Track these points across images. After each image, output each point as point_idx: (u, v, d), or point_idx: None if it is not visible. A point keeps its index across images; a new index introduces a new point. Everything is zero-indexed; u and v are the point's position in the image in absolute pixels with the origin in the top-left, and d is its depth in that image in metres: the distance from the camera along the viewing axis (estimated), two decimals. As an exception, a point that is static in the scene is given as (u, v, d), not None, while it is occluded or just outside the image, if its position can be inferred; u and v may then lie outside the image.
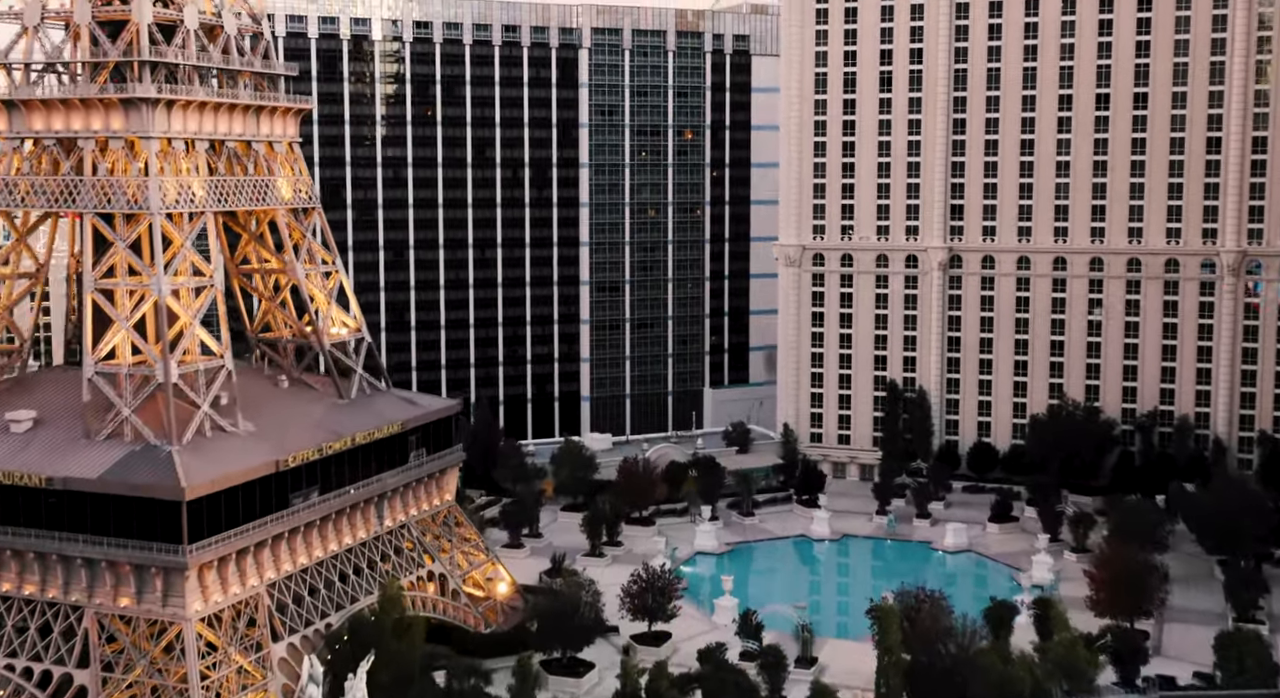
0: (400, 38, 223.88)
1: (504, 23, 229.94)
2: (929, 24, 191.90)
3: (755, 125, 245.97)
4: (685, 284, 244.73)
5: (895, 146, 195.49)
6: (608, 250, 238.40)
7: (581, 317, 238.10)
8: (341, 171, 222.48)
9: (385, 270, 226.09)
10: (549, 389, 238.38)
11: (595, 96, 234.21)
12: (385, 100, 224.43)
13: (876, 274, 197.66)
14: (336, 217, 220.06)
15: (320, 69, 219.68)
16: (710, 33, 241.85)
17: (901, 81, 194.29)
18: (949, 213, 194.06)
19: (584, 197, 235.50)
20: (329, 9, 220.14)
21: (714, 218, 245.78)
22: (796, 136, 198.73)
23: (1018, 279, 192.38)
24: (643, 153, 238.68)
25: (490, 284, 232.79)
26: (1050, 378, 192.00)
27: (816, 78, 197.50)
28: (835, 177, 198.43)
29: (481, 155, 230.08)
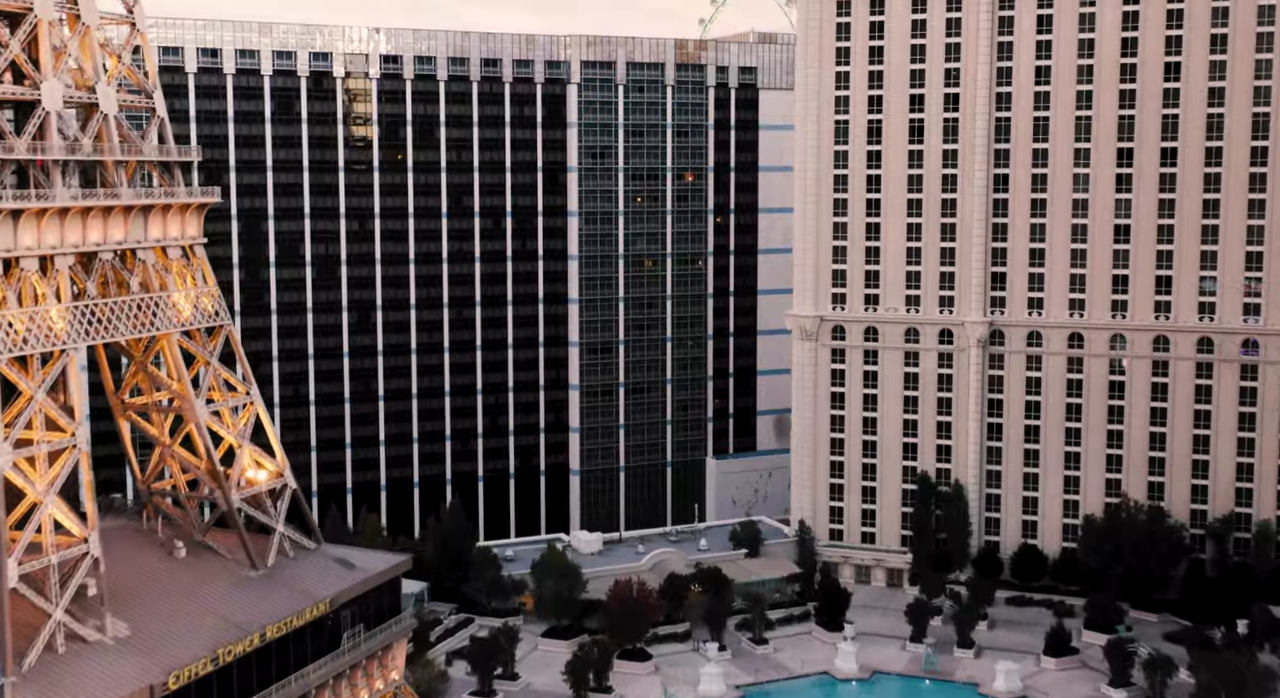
0: (366, 74, 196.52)
1: (483, 56, 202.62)
2: (966, 66, 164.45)
3: (763, 166, 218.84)
4: (686, 344, 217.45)
5: (928, 205, 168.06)
6: (599, 308, 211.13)
7: (570, 382, 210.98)
8: (299, 224, 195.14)
9: (350, 334, 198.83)
10: (534, 463, 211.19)
11: (585, 137, 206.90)
12: (350, 144, 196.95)
13: (905, 350, 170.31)
14: (294, 274, 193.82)
15: (275, 110, 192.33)
16: (713, 65, 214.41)
17: (934, 130, 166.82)
18: (989, 282, 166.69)
19: (572, 248, 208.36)
20: (285, 43, 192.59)
21: (718, 269, 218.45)
22: (813, 192, 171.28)
23: (1069, 359, 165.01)
24: (638, 199, 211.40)
25: (468, 347, 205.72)
26: (1107, 473, 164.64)
27: (836, 126, 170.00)
28: (858, 238, 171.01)
29: (458, 204, 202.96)
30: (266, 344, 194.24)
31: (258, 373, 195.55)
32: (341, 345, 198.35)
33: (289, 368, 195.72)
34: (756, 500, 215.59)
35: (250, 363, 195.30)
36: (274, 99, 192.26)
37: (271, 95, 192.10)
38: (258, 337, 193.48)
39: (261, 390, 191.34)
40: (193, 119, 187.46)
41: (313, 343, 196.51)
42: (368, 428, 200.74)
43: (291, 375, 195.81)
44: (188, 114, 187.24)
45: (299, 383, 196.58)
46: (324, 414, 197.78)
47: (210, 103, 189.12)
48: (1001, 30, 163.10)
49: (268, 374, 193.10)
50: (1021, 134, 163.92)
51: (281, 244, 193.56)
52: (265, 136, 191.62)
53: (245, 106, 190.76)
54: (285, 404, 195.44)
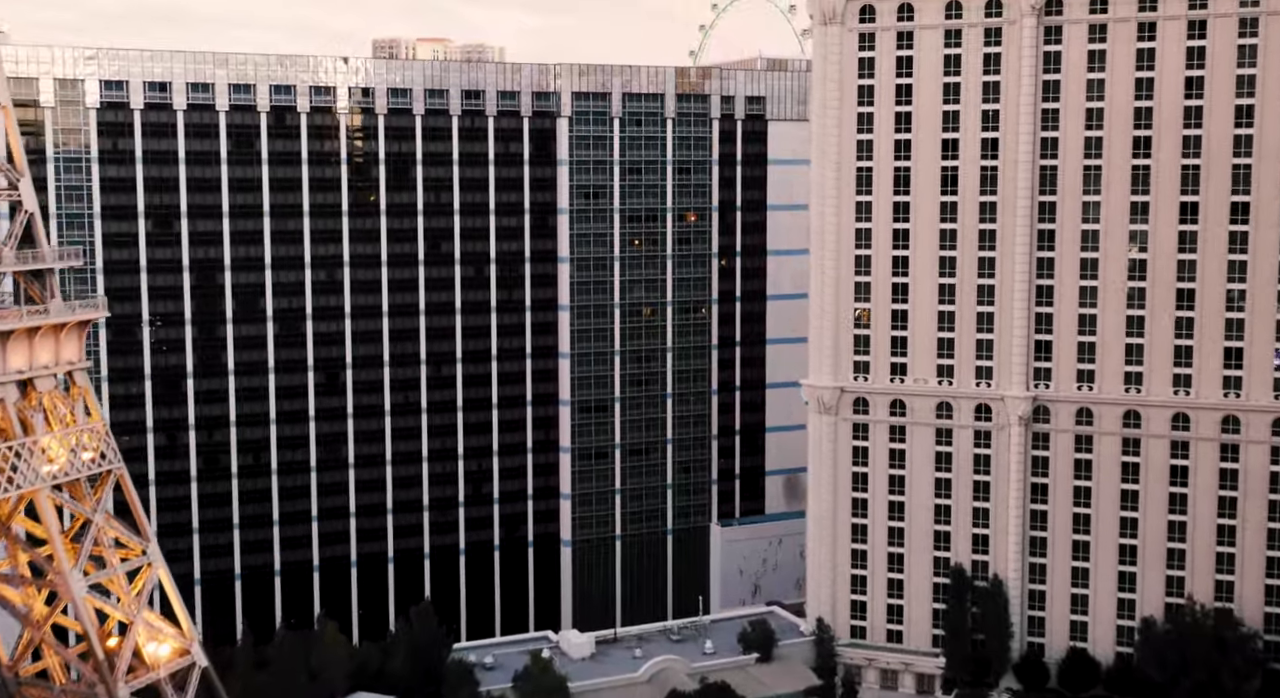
0: (333, 108, 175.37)
1: (464, 87, 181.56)
2: (1006, 107, 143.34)
3: (772, 205, 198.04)
4: (688, 400, 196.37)
5: (962, 263, 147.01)
6: (593, 363, 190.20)
7: (561, 444, 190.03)
8: (260, 276, 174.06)
9: (317, 396, 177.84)
10: (521, 533, 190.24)
11: (577, 175, 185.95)
12: (315, 186, 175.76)
13: (937, 427, 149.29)
14: (254, 331, 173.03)
15: (232, 150, 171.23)
16: (717, 94, 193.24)
17: (970, 180, 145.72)
18: (1033, 351, 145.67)
19: (563, 298, 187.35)
20: (243, 75, 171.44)
21: (723, 317, 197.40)
22: (832, 247, 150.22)
23: (1124, 440, 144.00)
24: (635, 242, 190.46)
25: (448, 408, 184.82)
26: (1168, 569, 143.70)
27: (858, 174, 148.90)
28: (883, 300, 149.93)
29: (436, 251, 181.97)
30: (223, 409, 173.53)
31: (213, 441, 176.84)
32: (307, 409, 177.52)
33: (248, 435, 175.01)
34: (765, 571, 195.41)
35: (206, 430, 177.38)
36: (231, 137, 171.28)
37: (228, 133, 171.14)
38: (214, 401, 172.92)
39: (218, 461, 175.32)
40: (139, 160, 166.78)
41: (275, 406, 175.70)
42: (337, 499, 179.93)
43: (251, 443, 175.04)
44: (133, 155, 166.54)
45: (259, 451, 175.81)
46: (288, 485, 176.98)
47: (159, 142, 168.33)
48: (1047, 67, 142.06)
49: (225, 442, 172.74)
50: (1070, 185, 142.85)
51: (240, 298, 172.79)
52: (221, 179, 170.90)
53: (198, 146, 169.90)
54: (245, 475, 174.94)
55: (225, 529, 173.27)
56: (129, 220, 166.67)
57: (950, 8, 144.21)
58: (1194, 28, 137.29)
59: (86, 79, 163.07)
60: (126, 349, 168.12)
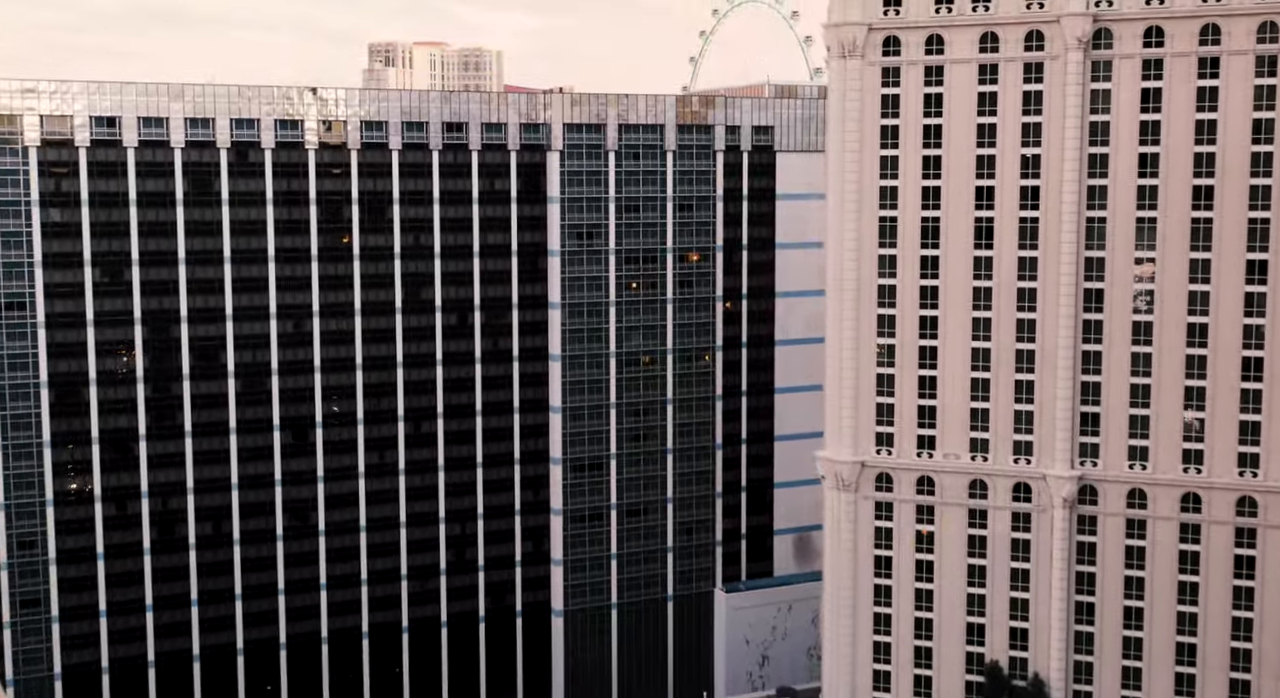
0: (301, 143, 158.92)
1: (445, 119, 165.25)
2: (1049, 151, 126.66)
3: (781, 243, 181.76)
4: (690, 456, 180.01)
5: (998, 325, 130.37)
6: (587, 417, 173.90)
7: (552, 505, 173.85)
8: (220, 328, 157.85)
9: (283, 458, 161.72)
10: (509, 602, 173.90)
11: (570, 214, 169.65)
12: (281, 229, 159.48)
13: (970, 508, 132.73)
14: (214, 388, 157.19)
15: (189, 190, 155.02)
16: (722, 124, 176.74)
17: (1007, 233, 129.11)
18: (1079, 424, 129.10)
19: (554, 347, 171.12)
20: (201, 108, 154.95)
21: (728, 365, 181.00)
22: (851, 305, 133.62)
23: (1182, 525, 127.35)
24: (633, 286, 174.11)
25: (429, 468, 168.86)
26: (1231, 671, 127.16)
27: (881, 225, 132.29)
28: (909, 365, 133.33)
29: (415, 298, 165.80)
30: (180, 474, 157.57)
31: (169, 509, 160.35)
32: (273, 472, 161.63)
33: (208, 502, 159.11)
34: (774, 639, 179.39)
35: (160, 498, 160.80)
36: (187, 176, 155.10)
37: (184, 172, 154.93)
38: (169, 465, 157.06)
39: (174, 532, 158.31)
40: (84, 203, 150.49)
41: (237, 470, 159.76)
42: (306, 570, 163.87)
43: (211, 511, 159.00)
44: (78, 197, 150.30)
45: (221, 519, 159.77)
46: (251, 555, 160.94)
47: (107, 183, 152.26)
48: (1095, 107, 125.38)
49: (181, 509, 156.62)
50: (1120, 239, 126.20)
51: (198, 353, 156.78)
52: (177, 223, 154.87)
53: (151, 186, 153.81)
54: (204, 546, 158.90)
55: (183, 606, 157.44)
56: (74, 269, 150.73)
57: (985, 40, 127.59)
58: (1262, 64, 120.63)
59: (24, 114, 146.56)
60: (71, 411, 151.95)
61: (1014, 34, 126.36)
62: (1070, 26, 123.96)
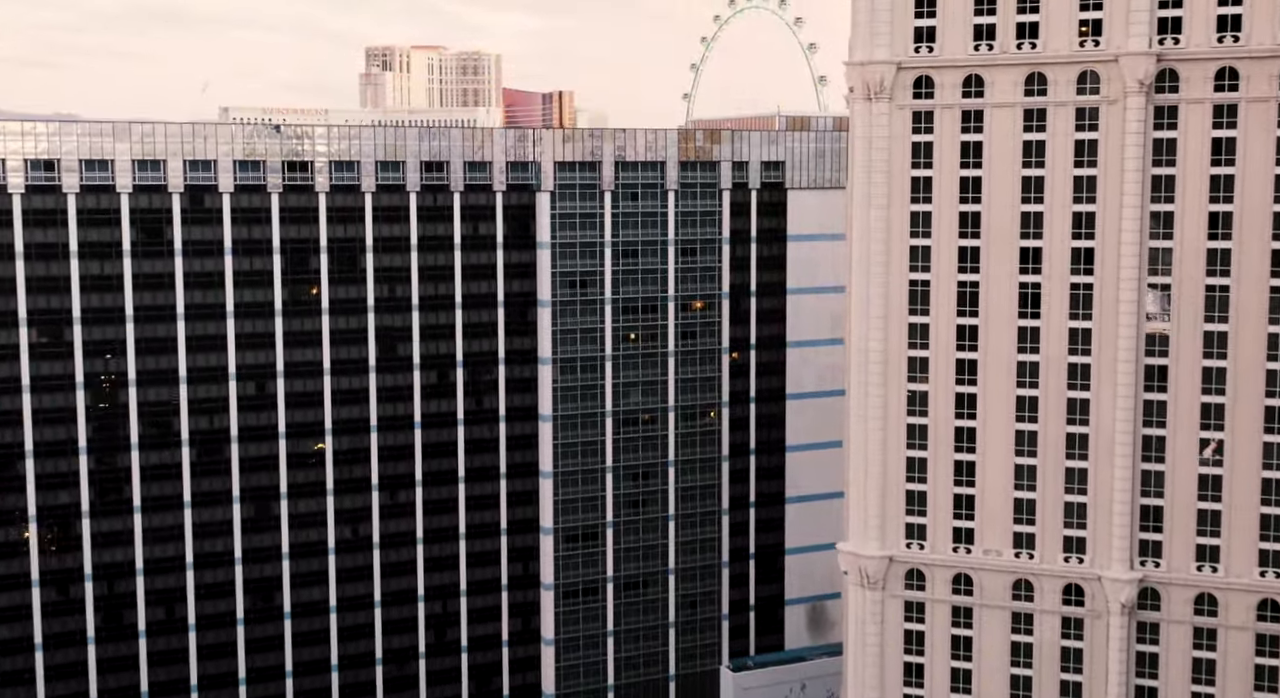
0: (263, 186, 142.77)
1: (424, 157, 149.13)
2: (1105, 209, 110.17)
3: (793, 288, 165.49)
4: (694, 522, 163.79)
5: (1047, 406, 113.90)
6: (580, 482, 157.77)
7: (542, 580, 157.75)
8: (173, 392, 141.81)
9: (244, 533, 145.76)
10: (495, 686, 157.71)
11: (562, 261, 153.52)
12: (242, 281, 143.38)
13: (1014, 611, 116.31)
14: (166, 459, 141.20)
15: (138, 239, 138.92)
16: (729, 160, 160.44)
17: (1057, 300, 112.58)
18: (1138, 518, 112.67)
19: (545, 406, 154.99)
20: (150, 149, 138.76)
21: (735, 422, 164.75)
22: (878, 381, 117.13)
23: (1258, 635, 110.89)
24: (631, 338, 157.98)
25: (406, 541, 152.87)
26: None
27: (912, 290, 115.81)
28: (943, 447, 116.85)
29: (391, 354, 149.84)
30: (128, 553, 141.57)
31: (115, 591, 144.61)
32: (232, 550, 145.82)
33: (159, 583, 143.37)
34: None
35: (106, 581, 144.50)
36: (135, 225, 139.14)
37: (132, 220, 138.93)
38: (115, 544, 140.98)
39: (121, 618, 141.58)
40: (19, 255, 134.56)
41: (192, 548, 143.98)
42: (269, 656, 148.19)
43: (162, 594, 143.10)
44: (11, 249, 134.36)
45: (174, 602, 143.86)
46: (209, 641, 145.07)
47: (44, 233, 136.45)
48: (1158, 159, 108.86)
49: (129, 592, 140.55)
50: (1188, 310, 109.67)
51: (148, 420, 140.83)
52: (124, 276, 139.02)
53: (94, 236, 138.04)
54: (154, 632, 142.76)
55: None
56: (7, 329, 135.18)
57: (1032, 81, 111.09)
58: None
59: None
60: (6, 486, 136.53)
61: (1065, 75, 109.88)
62: (1130, 67, 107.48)
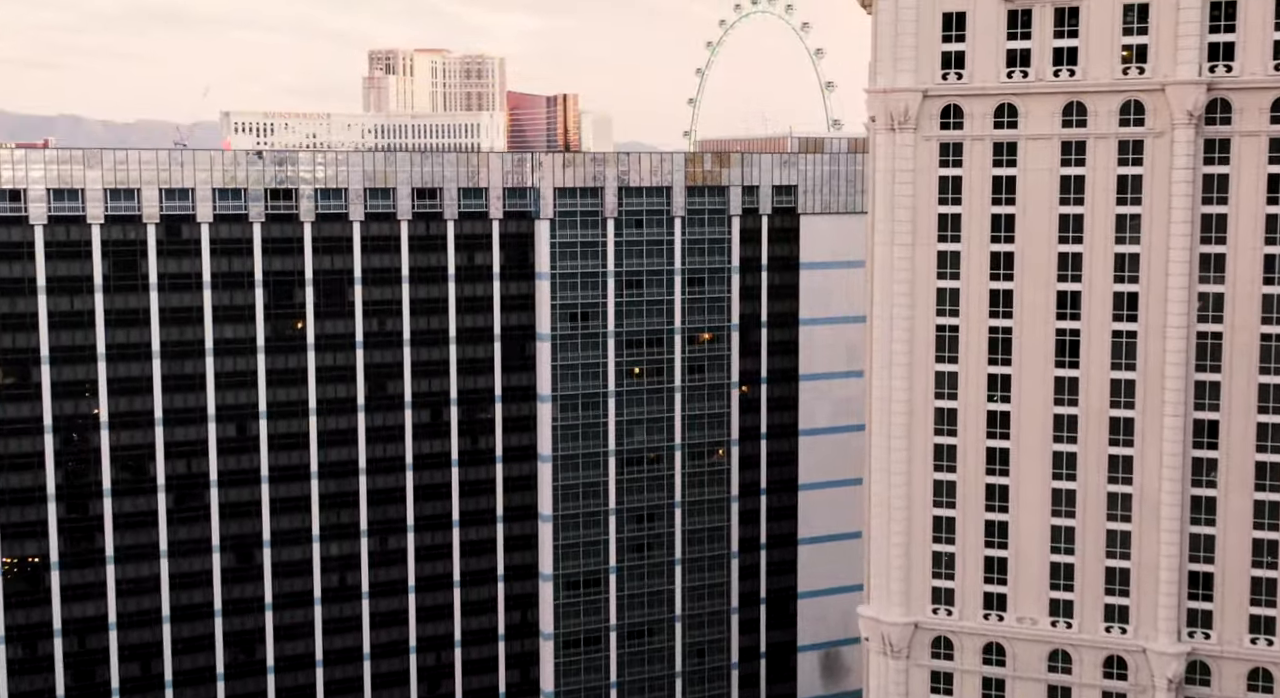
0: (245, 215, 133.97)
1: (416, 184, 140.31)
2: (1150, 250, 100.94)
3: (805, 319, 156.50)
4: (702, 566, 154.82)
5: (1085, 462, 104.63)
6: (582, 525, 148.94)
7: (542, 629, 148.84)
8: (148, 435, 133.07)
9: (224, 583, 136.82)
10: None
11: (562, 292, 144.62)
12: (221, 316, 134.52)
13: (1051, 684, 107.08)
14: (141, 505, 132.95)
15: (110, 272, 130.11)
16: (738, 185, 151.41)
17: (1097, 349, 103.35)
18: (1186, 586, 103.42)
19: (544, 446, 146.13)
20: (124, 177, 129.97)
21: (745, 460, 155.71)
22: (902, 433, 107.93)
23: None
24: (636, 373, 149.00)
25: (397, 590, 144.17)
26: None
27: (938, 335, 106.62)
28: (973, 506, 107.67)
29: (381, 393, 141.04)
30: (100, 607, 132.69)
31: (87, 649, 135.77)
32: (211, 601, 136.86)
33: (134, 638, 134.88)
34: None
35: (77, 636, 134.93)
36: (108, 257, 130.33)
37: (104, 252, 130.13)
38: (87, 597, 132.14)
39: (93, 676, 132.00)
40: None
41: (169, 600, 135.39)
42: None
43: (137, 649, 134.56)
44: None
45: (150, 659, 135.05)
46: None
47: (9, 267, 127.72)
48: (1208, 196, 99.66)
49: (102, 648, 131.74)
50: (1240, 359, 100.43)
51: (122, 464, 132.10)
52: (95, 312, 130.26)
53: (64, 270, 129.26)
54: (129, 690, 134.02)
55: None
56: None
57: (1070, 111, 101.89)
58: None
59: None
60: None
61: (1106, 105, 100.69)
62: (1178, 97, 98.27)
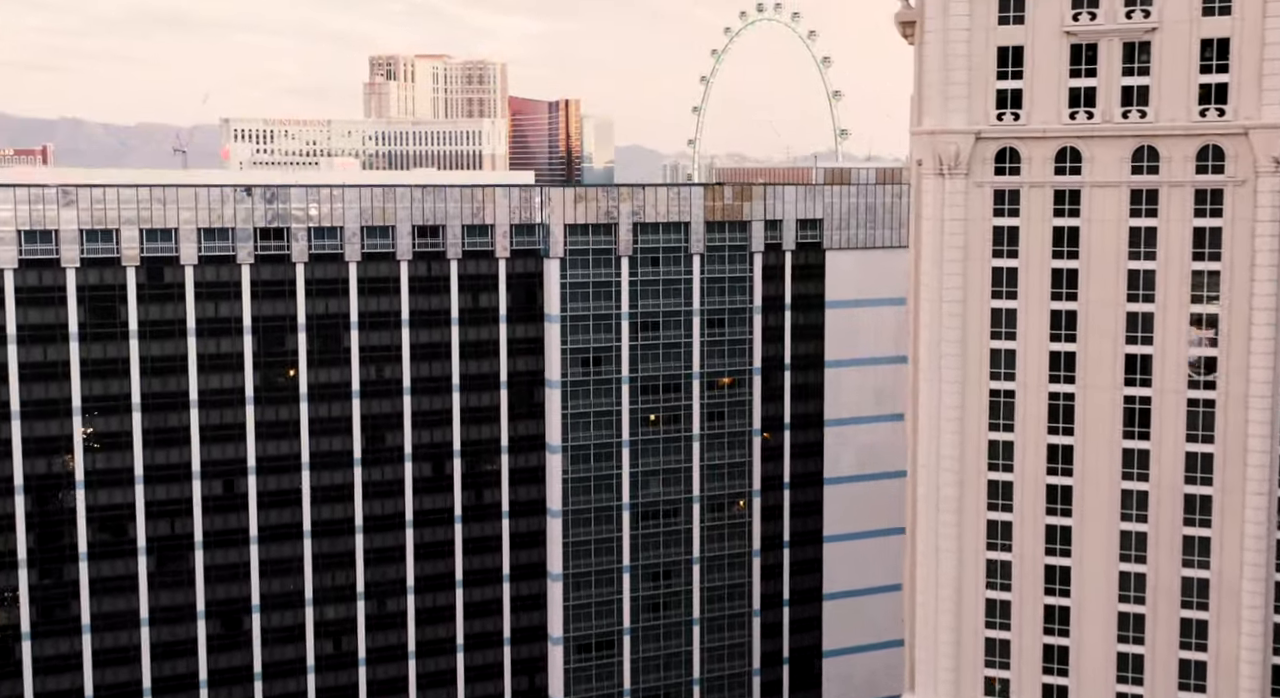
0: (232, 256, 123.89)
1: (417, 222, 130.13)
2: (1232, 311, 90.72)
3: (831, 361, 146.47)
4: (722, 626, 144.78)
5: (1158, 542, 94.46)
6: (594, 585, 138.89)
7: (551, 695, 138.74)
8: (127, 494, 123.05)
9: (209, 652, 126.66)
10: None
11: (573, 336, 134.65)
12: (207, 364, 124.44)
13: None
14: (120, 570, 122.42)
15: (86, 320, 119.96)
16: (761, 219, 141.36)
17: (1171, 420, 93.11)
18: (1269, 679, 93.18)
19: (554, 500, 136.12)
20: (101, 217, 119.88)
21: (768, 512, 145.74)
22: (952, 506, 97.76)
23: None
24: (652, 421, 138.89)
25: (396, 656, 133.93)
26: None
27: (994, 401, 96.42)
28: (1030, 590, 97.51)
29: (379, 445, 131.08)
30: (76, 680, 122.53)
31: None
32: (196, 672, 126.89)
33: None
34: None
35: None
36: (84, 303, 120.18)
37: (80, 298, 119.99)
38: (61, 669, 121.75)
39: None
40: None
41: (150, 671, 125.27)
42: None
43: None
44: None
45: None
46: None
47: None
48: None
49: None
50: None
51: (99, 525, 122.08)
52: (70, 362, 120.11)
53: (35, 318, 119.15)
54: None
55: None
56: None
57: (1140, 157, 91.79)
58: None
59: None
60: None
61: (1181, 150, 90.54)
62: (1264, 142, 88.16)
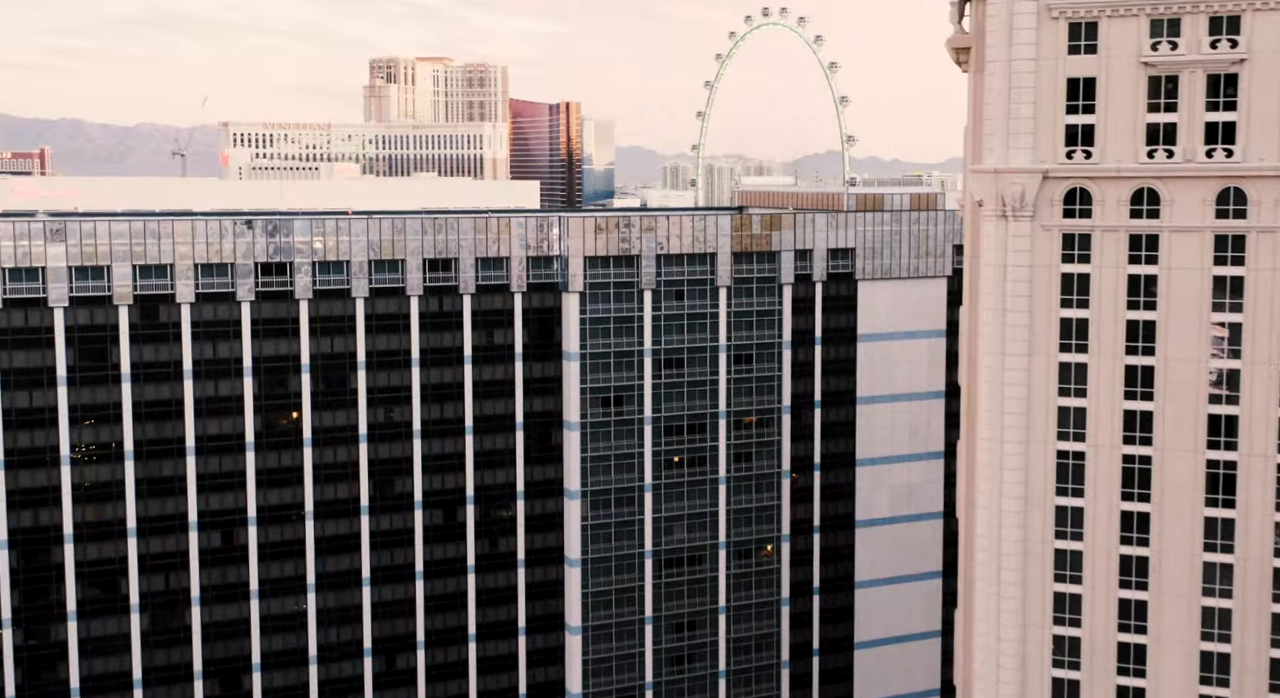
0: (232, 293, 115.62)
1: (428, 254, 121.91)
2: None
3: (863, 397, 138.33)
4: (749, 679, 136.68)
5: (1244, 619, 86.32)
6: (615, 637, 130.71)
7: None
8: (119, 547, 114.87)
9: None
10: None
11: (593, 374, 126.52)
12: (205, 409, 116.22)
13: None
14: (111, 628, 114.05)
15: (75, 363, 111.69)
16: (790, 249, 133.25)
17: (1259, 484, 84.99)
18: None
19: (573, 548, 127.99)
20: (91, 253, 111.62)
21: (797, 557, 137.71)
22: (1015, 582, 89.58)
23: None
24: (676, 463, 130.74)
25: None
26: None
27: (1061, 464, 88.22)
28: (1102, 667, 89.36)
29: (388, 491, 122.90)
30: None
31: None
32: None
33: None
34: None
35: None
36: (73, 345, 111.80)
37: (69, 339, 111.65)
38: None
39: None
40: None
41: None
42: None
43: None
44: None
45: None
46: None
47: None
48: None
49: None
50: None
51: (89, 581, 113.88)
52: (58, 407, 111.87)
53: (21, 361, 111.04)
54: None
55: None
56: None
57: (1226, 199, 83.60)
58: None
59: None
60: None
61: (1271, 192, 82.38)
62: (1363, 185, 79.87)
